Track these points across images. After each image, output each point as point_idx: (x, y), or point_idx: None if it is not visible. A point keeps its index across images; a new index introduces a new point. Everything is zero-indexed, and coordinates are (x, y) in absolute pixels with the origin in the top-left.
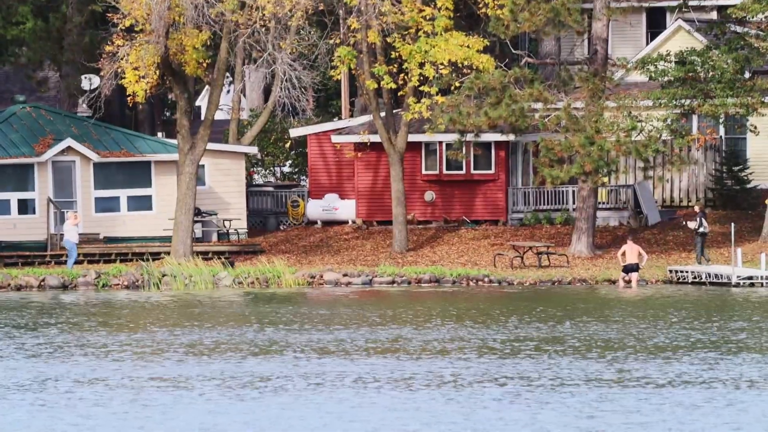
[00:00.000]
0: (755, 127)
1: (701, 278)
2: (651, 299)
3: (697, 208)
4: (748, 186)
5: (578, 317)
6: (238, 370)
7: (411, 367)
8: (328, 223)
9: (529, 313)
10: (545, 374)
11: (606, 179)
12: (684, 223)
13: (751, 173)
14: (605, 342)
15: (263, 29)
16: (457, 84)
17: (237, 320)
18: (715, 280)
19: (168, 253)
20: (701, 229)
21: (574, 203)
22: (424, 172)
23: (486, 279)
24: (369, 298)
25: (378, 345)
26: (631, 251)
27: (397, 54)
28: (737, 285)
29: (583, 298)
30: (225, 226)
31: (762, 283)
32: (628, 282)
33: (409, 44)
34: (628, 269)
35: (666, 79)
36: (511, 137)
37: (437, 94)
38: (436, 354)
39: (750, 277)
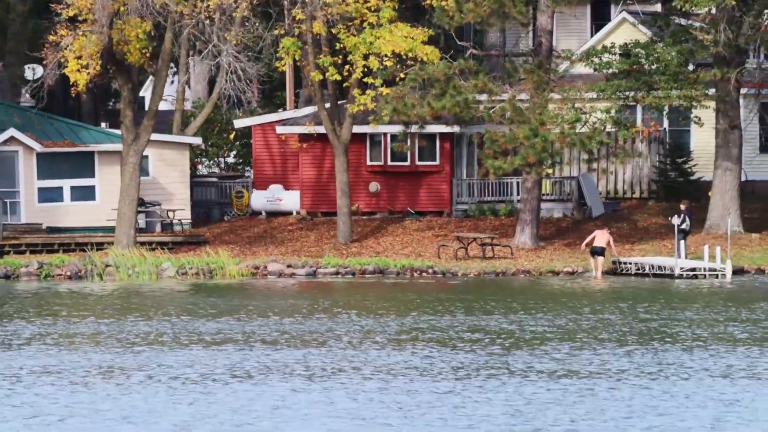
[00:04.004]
0: (699, 119)
1: (644, 270)
2: (572, 291)
3: (683, 206)
4: (692, 178)
5: (485, 308)
6: (82, 362)
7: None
8: (272, 214)
9: (447, 304)
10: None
11: (550, 171)
12: (669, 219)
13: (694, 165)
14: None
15: (208, 20)
16: (402, 75)
17: (147, 311)
18: (658, 272)
19: (111, 244)
20: (683, 226)
21: (518, 195)
22: (368, 163)
23: (430, 270)
24: (309, 289)
25: (249, 336)
26: (601, 236)
27: (341, 45)
28: (680, 276)
29: (518, 289)
30: (169, 217)
31: (705, 275)
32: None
33: (354, 36)
34: (595, 252)
35: (610, 71)
36: (456, 129)
37: (382, 86)
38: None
39: (693, 269)
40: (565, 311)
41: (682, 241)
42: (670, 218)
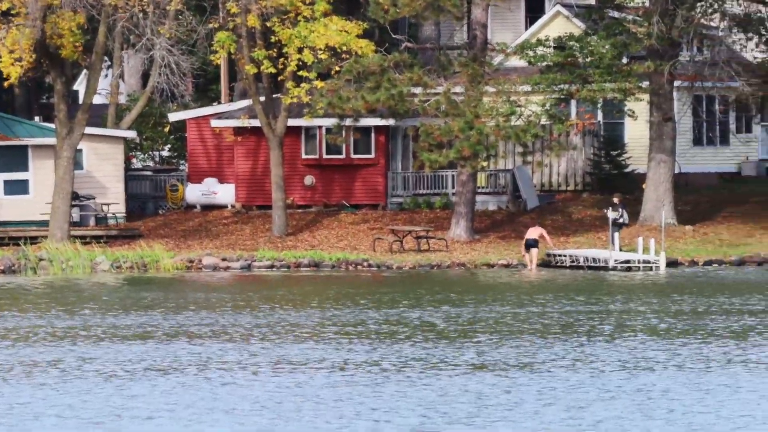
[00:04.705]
0: (633, 112)
1: (579, 262)
2: (501, 283)
3: (616, 200)
4: (626, 170)
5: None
6: None
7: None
8: (207, 208)
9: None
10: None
11: (485, 164)
12: (604, 211)
13: (628, 158)
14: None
15: (141, 13)
16: (337, 68)
17: (72, 305)
18: (592, 264)
19: (45, 238)
20: (621, 220)
21: (453, 188)
22: (303, 156)
23: (365, 263)
24: (241, 282)
25: (133, 330)
26: (534, 230)
27: (276, 38)
28: (614, 269)
29: (451, 282)
30: (103, 211)
31: (639, 267)
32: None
33: (289, 29)
34: (529, 244)
35: (545, 64)
36: (391, 122)
37: (316, 79)
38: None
39: (627, 261)
40: (494, 303)
41: (616, 233)
42: (605, 210)
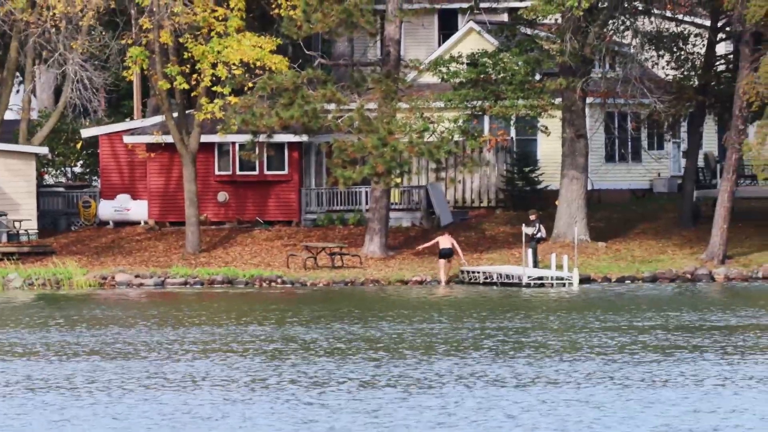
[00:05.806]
0: (546, 128)
1: (492, 279)
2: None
3: (533, 216)
4: (539, 187)
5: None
6: None
7: None
8: (120, 224)
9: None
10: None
11: (398, 180)
12: (523, 226)
13: (541, 174)
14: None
15: (54, 29)
16: (251, 84)
17: None
18: (506, 281)
19: None
20: (539, 235)
21: (367, 204)
22: (217, 172)
23: (279, 280)
24: (152, 299)
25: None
26: (444, 241)
27: (189, 54)
28: (528, 285)
29: (361, 299)
30: (15, 227)
31: (552, 284)
32: (449, 278)
33: (202, 44)
34: (444, 254)
35: (458, 80)
36: (305, 138)
37: (230, 95)
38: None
39: (540, 278)
40: (393, 320)
41: (530, 250)
42: (524, 225)
